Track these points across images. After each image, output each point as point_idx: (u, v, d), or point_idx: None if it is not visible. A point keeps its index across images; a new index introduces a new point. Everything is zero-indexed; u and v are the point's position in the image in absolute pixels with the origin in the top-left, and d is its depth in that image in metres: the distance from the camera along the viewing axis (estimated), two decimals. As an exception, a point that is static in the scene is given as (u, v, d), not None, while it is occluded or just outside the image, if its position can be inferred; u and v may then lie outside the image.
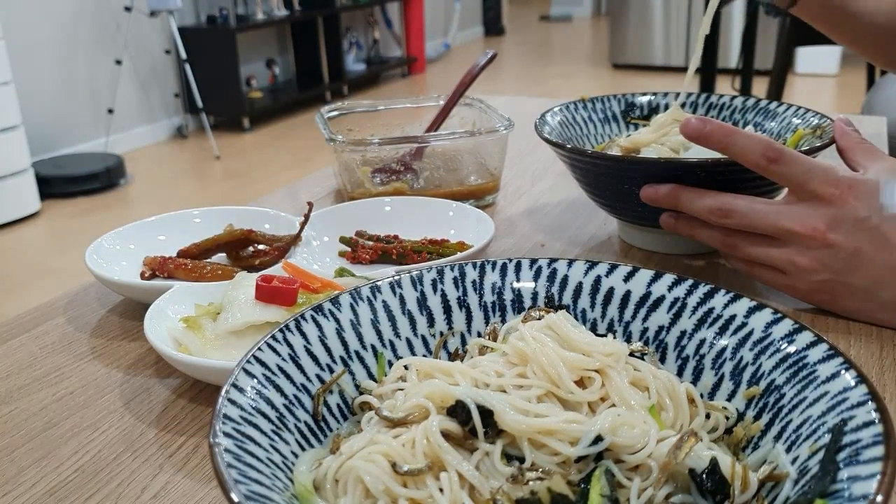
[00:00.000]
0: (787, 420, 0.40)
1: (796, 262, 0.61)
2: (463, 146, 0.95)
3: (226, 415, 0.37)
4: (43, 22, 4.06)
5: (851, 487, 0.32)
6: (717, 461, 0.37)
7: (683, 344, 0.47)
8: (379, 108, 1.07)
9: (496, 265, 0.52)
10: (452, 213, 0.81)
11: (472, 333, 0.50)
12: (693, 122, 0.64)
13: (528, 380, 0.41)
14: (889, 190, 0.59)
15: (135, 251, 0.75)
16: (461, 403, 0.38)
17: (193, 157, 4.55)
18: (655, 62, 6.31)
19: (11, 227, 3.50)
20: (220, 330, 0.57)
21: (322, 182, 1.04)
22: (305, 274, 0.63)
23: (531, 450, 0.38)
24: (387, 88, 6.24)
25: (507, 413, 0.38)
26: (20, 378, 0.60)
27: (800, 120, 0.80)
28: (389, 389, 0.44)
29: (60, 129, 4.23)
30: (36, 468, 0.50)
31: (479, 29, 8.53)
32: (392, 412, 0.40)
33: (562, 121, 0.86)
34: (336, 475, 0.38)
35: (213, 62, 4.79)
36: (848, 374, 0.38)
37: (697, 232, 0.67)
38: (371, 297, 0.49)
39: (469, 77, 1.00)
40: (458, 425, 0.38)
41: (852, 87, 5.33)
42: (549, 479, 0.36)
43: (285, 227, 0.78)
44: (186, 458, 0.50)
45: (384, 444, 0.38)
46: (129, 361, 0.62)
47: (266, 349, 0.42)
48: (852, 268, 0.59)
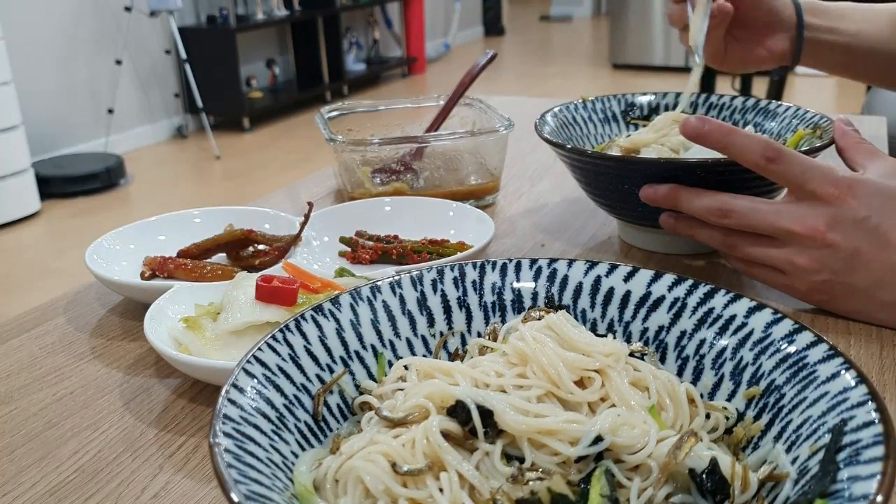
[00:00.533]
0: (787, 420, 0.40)
1: (795, 262, 0.61)
2: (463, 146, 0.95)
3: (226, 415, 0.37)
4: (43, 22, 4.06)
5: (851, 487, 0.32)
6: (716, 461, 0.37)
7: (683, 344, 0.47)
8: (379, 108, 1.07)
9: (496, 265, 0.52)
10: (452, 213, 0.81)
11: (472, 333, 0.50)
12: (692, 122, 0.64)
13: (528, 380, 0.41)
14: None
15: (135, 251, 0.75)
16: (461, 403, 0.38)
17: (193, 157, 4.56)
18: (655, 62, 6.31)
19: (11, 227, 3.50)
20: (220, 330, 0.57)
21: (322, 182, 1.04)
22: (305, 274, 0.63)
23: (531, 450, 0.38)
24: (387, 88, 6.24)
25: (507, 413, 0.38)
26: (20, 378, 0.60)
27: (800, 120, 0.80)
28: (389, 389, 0.44)
29: (60, 129, 4.23)
30: (36, 468, 0.50)
31: (479, 29, 8.53)
32: (392, 412, 0.40)
33: (562, 121, 0.86)
34: (336, 475, 0.38)
35: (213, 62, 4.79)
36: (848, 375, 0.38)
37: (697, 232, 0.67)
38: (371, 298, 0.49)
39: (469, 77, 1.00)
40: (458, 425, 0.38)
41: (852, 87, 5.33)
42: (549, 479, 0.36)
43: (285, 227, 0.78)
44: (186, 458, 0.50)
45: (384, 444, 0.38)
46: (129, 361, 0.62)
47: (266, 349, 0.42)
48: (851, 268, 0.59)
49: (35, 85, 4.00)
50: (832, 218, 0.59)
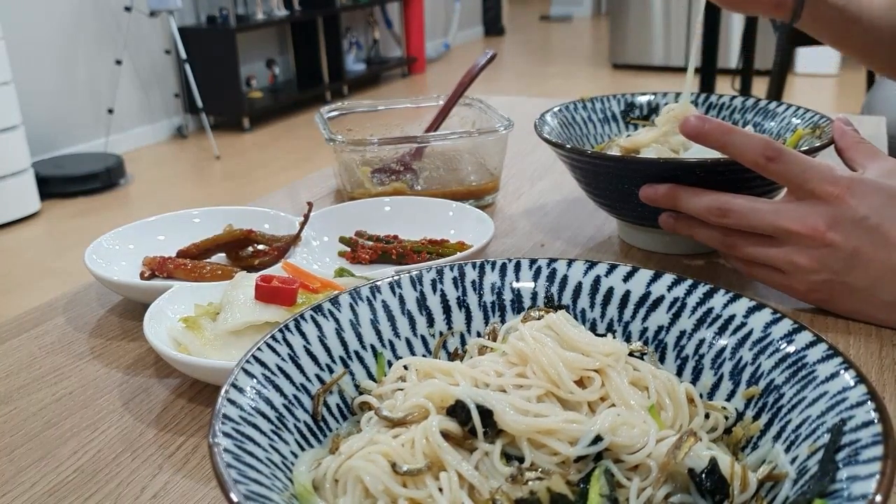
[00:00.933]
0: (786, 420, 0.40)
1: (795, 261, 0.61)
2: (463, 146, 0.95)
3: (225, 415, 0.37)
4: (43, 22, 4.06)
5: (850, 487, 0.32)
6: (716, 461, 0.37)
7: (683, 344, 0.47)
8: (379, 108, 1.07)
9: (496, 265, 0.52)
10: (452, 213, 0.81)
11: (472, 333, 0.50)
12: (692, 121, 0.63)
13: (528, 380, 0.41)
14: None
15: (134, 251, 0.75)
16: (461, 403, 0.38)
17: (193, 157, 4.56)
18: (655, 62, 6.31)
19: (11, 227, 3.50)
20: (219, 330, 0.57)
21: (322, 182, 1.04)
22: (305, 274, 0.63)
23: (531, 449, 0.38)
24: (387, 88, 6.24)
25: (507, 413, 0.38)
26: (20, 378, 0.60)
27: (799, 120, 0.80)
28: (389, 389, 0.44)
29: (60, 129, 4.23)
30: (35, 468, 0.50)
31: (479, 29, 8.53)
32: (391, 412, 0.40)
33: (561, 121, 0.86)
34: (336, 475, 0.38)
35: (213, 62, 4.79)
36: (847, 374, 0.38)
37: (696, 231, 0.67)
38: (370, 297, 0.49)
39: (469, 77, 1.00)
40: (457, 425, 0.38)
41: (852, 87, 5.33)
42: (548, 479, 0.36)
43: (285, 227, 0.78)
44: (186, 458, 0.50)
45: (384, 444, 0.38)
46: (129, 361, 0.62)
47: (265, 349, 0.42)
48: (851, 267, 0.59)
49: (35, 85, 4.00)
50: (832, 217, 0.59)
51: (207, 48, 4.80)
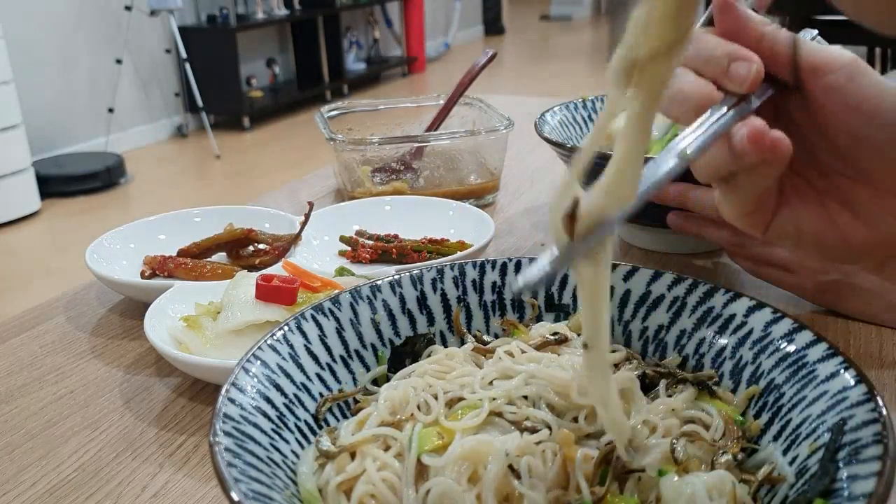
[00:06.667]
0: (786, 419, 0.40)
1: (804, 261, 0.61)
2: (463, 146, 0.95)
3: (226, 414, 0.37)
4: (43, 21, 4.05)
5: (851, 486, 0.32)
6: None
7: (683, 343, 0.47)
8: (379, 107, 1.07)
9: (496, 264, 0.52)
10: (452, 213, 0.81)
11: (472, 333, 0.50)
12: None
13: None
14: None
15: (135, 250, 0.75)
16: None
17: (193, 157, 4.55)
18: (655, 62, 6.31)
19: (11, 226, 3.50)
20: (220, 329, 0.57)
21: (322, 181, 1.04)
22: (305, 273, 0.63)
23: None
24: (387, 88, 6.24)
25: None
26: (20, 377, 0.60)
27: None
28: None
29: (60, 129, 4.23)
30: (36, 467, 0.50)
31: (479, 29, 8.53)
32: (391, 413, 0.40)
33: (562, 120, 0.86)
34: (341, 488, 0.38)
35: (214, 61, 4.78)
36: (847, 373, 0.38)
37: (705, 231, 0.67)
38: (371, 297, 0.49)
39: (469, 77, 1.00)
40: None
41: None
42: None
43: (285, 226, 0.78)
44: (186, 457, 0.50)
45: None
46: (130, 360, 0.62)
47: (266, 348, 0.42)
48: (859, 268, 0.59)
49: (35, 85, 3.99)
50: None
51: (208, 47, 4.80)
